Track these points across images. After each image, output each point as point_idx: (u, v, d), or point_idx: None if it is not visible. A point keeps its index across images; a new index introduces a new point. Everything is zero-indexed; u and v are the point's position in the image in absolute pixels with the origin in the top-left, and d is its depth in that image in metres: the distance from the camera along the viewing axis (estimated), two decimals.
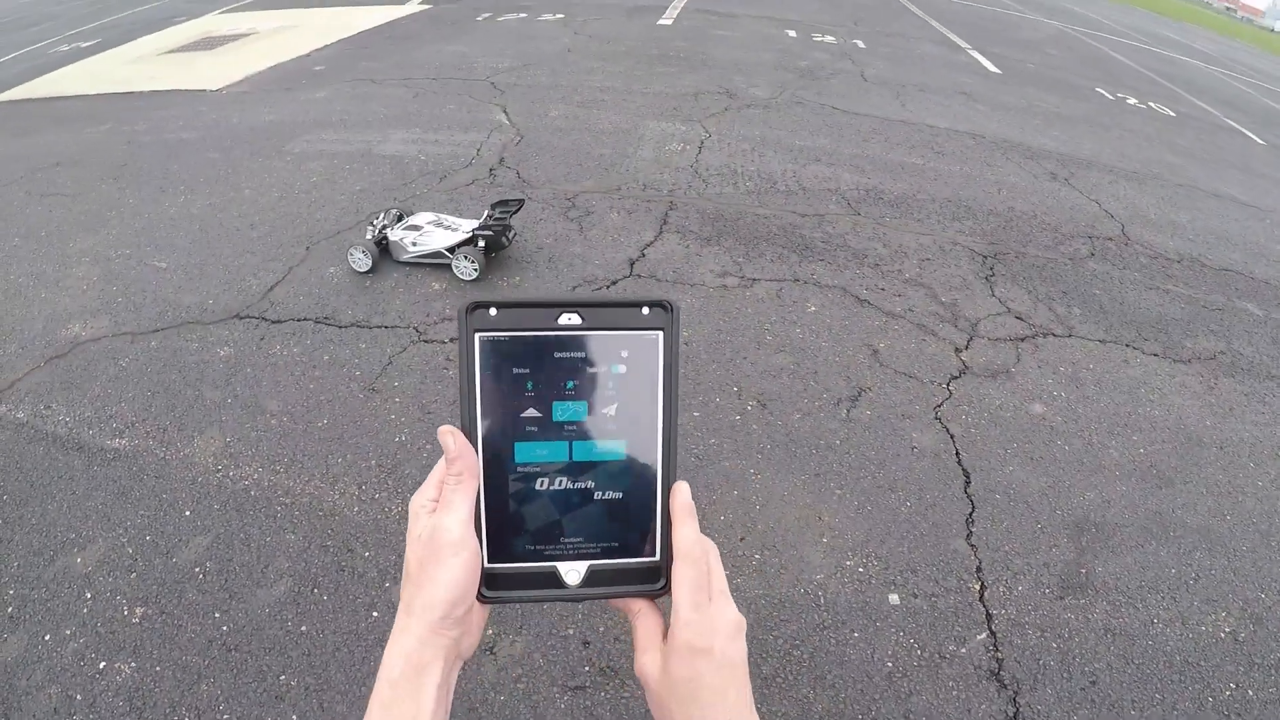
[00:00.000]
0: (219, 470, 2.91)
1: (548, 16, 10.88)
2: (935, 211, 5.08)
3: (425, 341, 3.55)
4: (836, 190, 5.25)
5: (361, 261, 4.05)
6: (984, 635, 2.37)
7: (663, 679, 0.57)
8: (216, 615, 2.39)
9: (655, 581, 0.61)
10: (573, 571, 0.60)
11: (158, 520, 2.71)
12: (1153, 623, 2.46)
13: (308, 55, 9.02)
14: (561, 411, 0.58)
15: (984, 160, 6.16)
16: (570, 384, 0.58)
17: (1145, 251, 4.95)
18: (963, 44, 11.40)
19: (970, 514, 2.76)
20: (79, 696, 2.19)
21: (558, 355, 0.58)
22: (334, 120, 6.50)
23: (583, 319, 0.58)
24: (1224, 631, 2.47)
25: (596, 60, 8.48)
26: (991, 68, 9.97)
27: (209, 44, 10.23)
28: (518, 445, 0.59)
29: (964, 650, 2.33)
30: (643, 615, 0.61)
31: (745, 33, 10.40)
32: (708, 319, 3.69)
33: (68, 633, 2.35)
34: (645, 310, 0.58)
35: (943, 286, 4.16)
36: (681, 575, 0.58)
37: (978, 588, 2.50)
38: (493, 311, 0.57)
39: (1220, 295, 4.54)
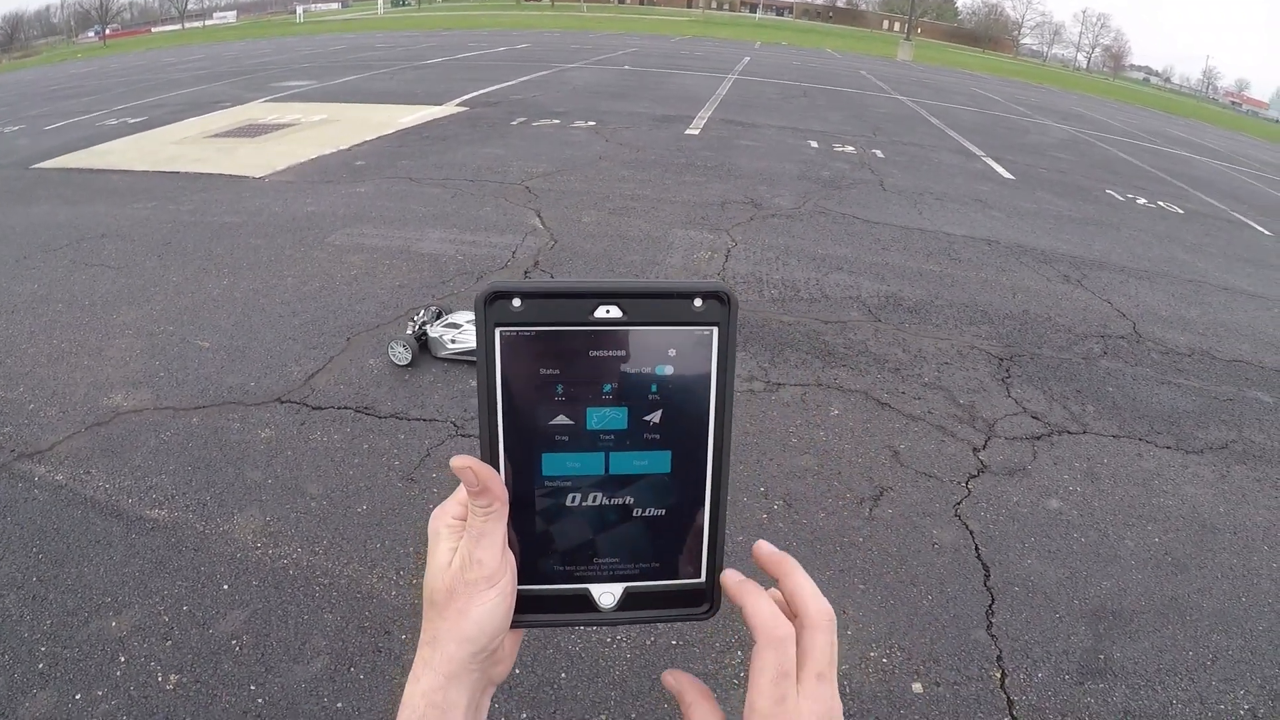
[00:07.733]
0: (258, 548, 3.00)
1: (580, 124, 11.56)
2: (952, 317, 5.35)
3: (463, 435, 3.75)
4: (858, 298, 5.56)
5: (402, 355, 4.25)
6: None
7: None
8: (252, 688, 2.43)
9: (699, 605, 0.57)
10: (607, 594, 0.55)
11: (195, 591, 2.78)
12: (1171, 704, 2.57)
13: (349, 150, 9.55)
14: (597, 419, 0.53)
15: (999, 265, 6.47)
16: (607, 387, 0.52)
17: (1157, 347, 5.16)
18: (977, 151, 11.91)
19: (990, 605, 2.91)
20: None
21: (593, 354, 0.52)
22: (374, 215, 6.88)
23: (623, 312, 0.52)
24: (1243, 709, 2.56)
25: (627, 168, 8.98)
26: (1005, 174, 10.42)
27: (252, 131, 10.93)
28: (545, 456, 0.53)
29: None
30: (697, 709, 0.54)
31: (769, 143, 11.00)
32: (735, 423, 3.92)
33: (99, 693, 2.39)
34: (698, 302, 0.52)
35: (961, 389, 4.38)
36: (762, 661, 0.50)
37: (999, 675, 2.63)
38: (516, 302, 0.51)
39: (1231, 386, 4.72)
